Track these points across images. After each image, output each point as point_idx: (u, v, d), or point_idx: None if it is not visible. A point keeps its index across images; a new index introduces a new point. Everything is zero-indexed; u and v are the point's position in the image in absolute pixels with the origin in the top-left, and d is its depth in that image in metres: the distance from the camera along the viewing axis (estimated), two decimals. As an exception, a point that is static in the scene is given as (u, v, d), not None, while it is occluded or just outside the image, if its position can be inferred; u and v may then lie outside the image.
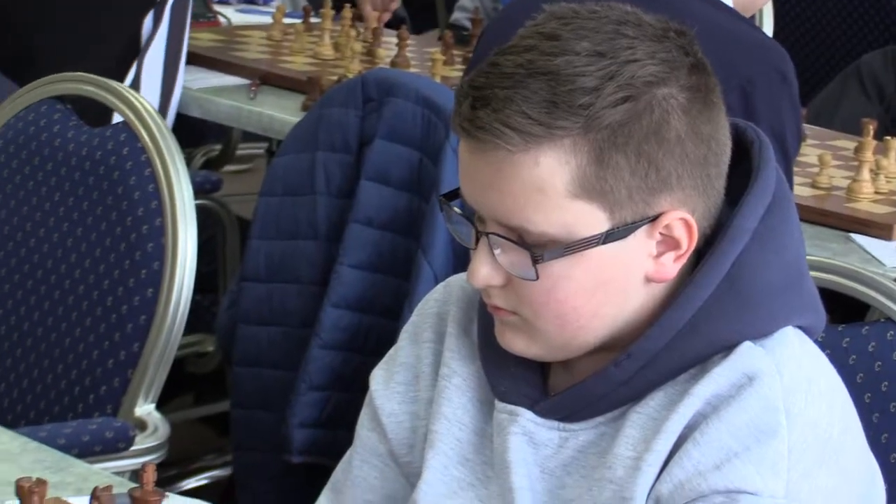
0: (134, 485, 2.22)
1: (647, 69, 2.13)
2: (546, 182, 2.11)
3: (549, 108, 2.09)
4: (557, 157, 2.10)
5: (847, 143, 4.43)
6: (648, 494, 2.16)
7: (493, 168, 2.13)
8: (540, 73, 2.10)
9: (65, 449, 2.66)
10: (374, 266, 3.40)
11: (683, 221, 2.16)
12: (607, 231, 2.13)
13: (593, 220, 2.13)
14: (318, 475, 3.22)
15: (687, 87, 2.16)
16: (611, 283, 2.17)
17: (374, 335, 3.36)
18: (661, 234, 2.15)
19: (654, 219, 2.14)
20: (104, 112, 3.45)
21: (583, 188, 2.11)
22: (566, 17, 2.16)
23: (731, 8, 3.41)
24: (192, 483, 3.76)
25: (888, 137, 4.25)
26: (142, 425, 3.17)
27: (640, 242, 2.16)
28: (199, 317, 3.30)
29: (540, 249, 2.12)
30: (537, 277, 2.13)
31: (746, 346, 2.17)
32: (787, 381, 2.16)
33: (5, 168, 3.50)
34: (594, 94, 2.09)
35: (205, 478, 3.88)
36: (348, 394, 3.34)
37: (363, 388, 2.50)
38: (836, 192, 4.05)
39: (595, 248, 2.13)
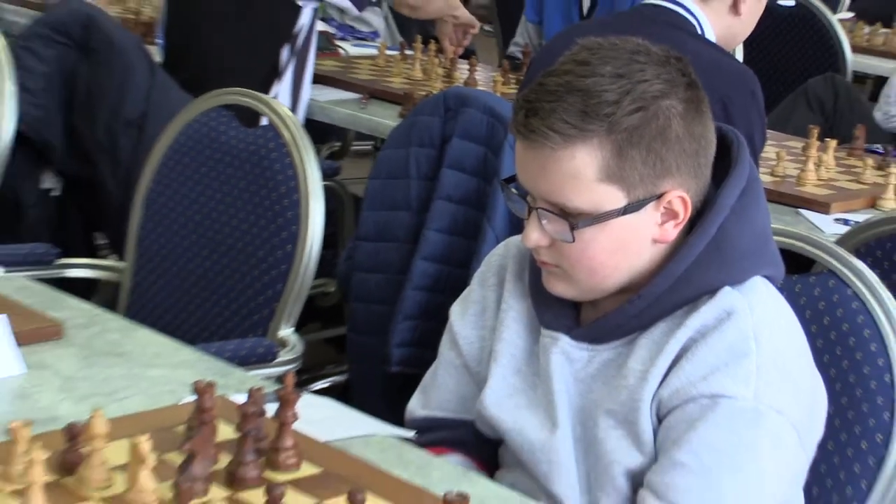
0: (278, 387, 2.22)
1: (654, 86, 2.14)
2: (580, 171, 2.12)
3: (582, 117, 2.10)
4: (588, 152, 2.12)
5: (797, 144, 4.39)
6: (652, 397, 2.17)
7: (540, 161, 2.14)
8: (575, 90, 2.12)
9: (228, 360, 2.65)
10: (452, 231, 3.38)
11: (681, 199, 2.17)
12: (624, 206, 2.15)
13: (614, 198, 2.15)
14: (409, 382, 3.22)
15: (684, 100, 2.17)
16: (627, 244, 2.18)
17: (451, 281, 3.33)
18: (664, 207, 2.17)
19: (659, 196, 2.16)
20: (255, 117, 3.45)
21: (606, 175, 2.12)
22: (594, 48, 2.17)
23: (715, 43, 3.38)
24: (318, 385, 3.75)
25: (827, 139, 4.22)
26: (283, 344, 3.17)
27: (649, 214, 2.17)
28: (324, 266, 3.29)
29: (575, 220, 2.14)
30: (573, 240, 2.15)
31: (726, 290, 2.18)
32: (757, 316, 2.16)
33: (186, 157, 3.50)
34: (615, 106, 2.10)
35: (327, 382, 3.86)
36: (432, 323, 3.31)
37: (443, 318, 2.50)
38: (789, 179, 4.02)
39: (616, 219, 2.15)
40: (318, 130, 4.70)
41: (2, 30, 4.09)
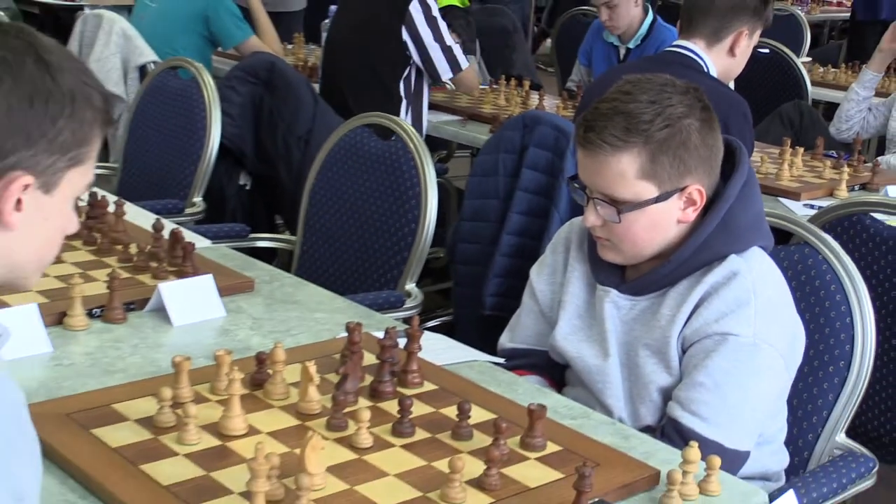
0: (407, 326, 2.18)
1: (678, 109, 2.08)
2: (624, 171, 2.06)
3: (626, 132, 2.05)
4: (630, 158, 2.06)
5: (774, 150, 4.29)
6: (678, 335, 2.12)
7: (596, 164, 2.09)
8: (621, 112, 2.06)
9: (369, 307, 2.63)
10: (528, 213, 3.33)
11: (698, 190, 2.11)
12: (657, 196, 2.09)
13: (649, 191, 2.08)
14: (498, 323, 3.19)
15: (700, 119, 2.11)
16: (658, 224, 2.12)
17: (528, 249, 3.30)
18: (686, 197, 2.11)
19: (682, 189, 2.10)
20: (388, 132, 3.40)
21: (644, 174, 2.07)
22: (634, 82, 2.11)
23: (717, 78, 3.30)
24: (430, 324, 3.70)
25: (796, 147, 4.14)
26: (408, 294, 3.13)
27: (674, 202, 2.11)
28: (436, 239, 3.25)
29: (621, 206, 2.08)
30: (620, 221, 2.09)
31: (732, 257, 2.12)
32: (755, 275, 2.11)
33: (340, 161, 3.46)
34: (650, 124, 2.05)
35: (437, 322, 3.81)
36: (515, 280, 3.28)
37: (523, 277, 2.47)
38: (770, 176, 3.93)
39: (650, 206, 2.09)
40: (432, 142, 4.69)
41: (212, 74, 4.13)
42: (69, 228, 1.46)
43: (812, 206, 3.66)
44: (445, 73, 4.69)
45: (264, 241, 3.69)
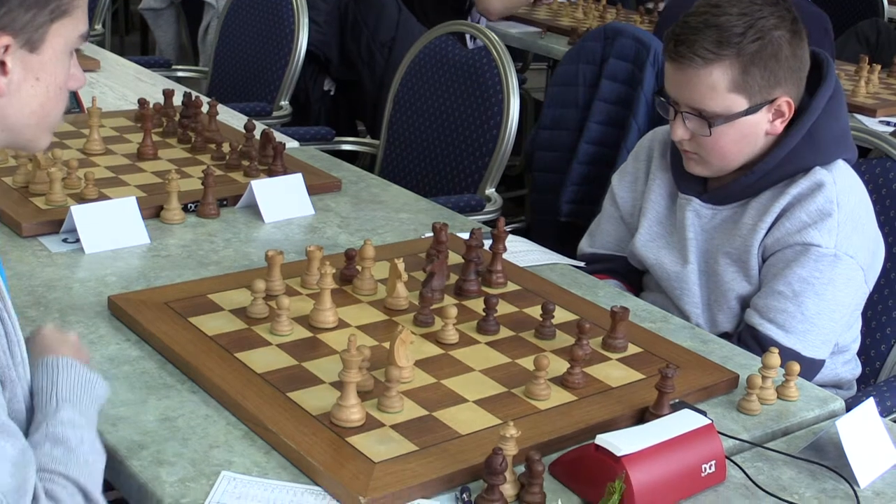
0: (492, 228, 2.16)
1: (769, 21, 2.00)
2: (715, 83, 2.00)
3: (717, 45, 1.98)
4: (722, 71, 2.00)
5: (850, 67, 4.18)
6: (759, 244, 2.07)
7: (686, 77, 2.03)
8: (712, 25, 2.00)
9: (451, 209, 2.60)
10: (606, 123, 3.27)
11: (787, 102, 2.04)
12: (747, 109, 2.03)
13: (740, 103, 2.02)
14: (572, 228, 3.17)
15: (789, 31, 2.03)
16: (747, 136, 2.06)
17: (605, 158, 3.25)
18: (774, 109, 2.05)
19: (771, 101, 2.03)
20: (466, 41, 3.35)
21: (735, 86, 2.01)
22: None
23: None
24: (507, 228, 3.69)
25: (872, 65, 4.02)
26: (488, 199, 3.10)
27: (763, 114, 2.05)
28: (513, 147, 3.21)
29: (711, 119, 2.02)
30: (710, 134, 2.04)
31: (817, 168, 2.06)
32: (839, 187, 2.05)
33: (424, 68, 3.40)
34: (741, 37, 1.98)
35: (511, 228, 3.79)
36: (591, 187, 3.26)
37: (599, 184, 2.45)
38: (846, 92, 3.80)
39: (741, 118, 2.03)
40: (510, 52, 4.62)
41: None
42: (71, 84, 1.36)
43: (888, 123, 3.56)
44: None
45: (349, 145, 3.67)
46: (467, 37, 3.87)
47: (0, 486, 1.16)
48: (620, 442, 1.42)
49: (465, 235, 2.09)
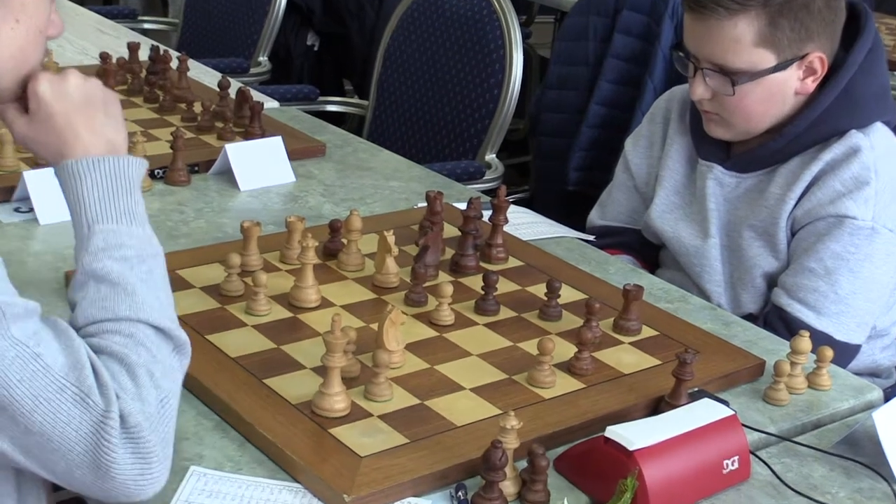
0: (492, 197, 2.14)
1: None
2: (740, 37, 1.98)
3: None
4: (747, 22, 1.97)
5: (893, 21, 4.18)
6: (788, 215, 2.06)
7: (708, 29, 2.00)
8: None
9: (447, 176, 2.59)
10: (619, 82, 3.25)
11: (820, 58, 2.03)
12: (775, 65, 2.01)
13: (767, 59, 2.00)
14: (580, 199, 3.15)
15: None
16: (775, 96, 2.05)
17: (617, 121, 3.23)
18: (805, 66, 2.03)
19: (802, 57, 2.02)
20: None
21: (761, 40, 1.99)
22: None
23: None
24: (509, 198, 3.69)
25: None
26: (489, 165, 3.09)
27: (793, 71, 2.03)
28: (516, 109, 3.20)
29: (735, 77, 2.00)
30: (734, 94, 2.02)
31: (853, 132, 2.05)
32: (877, 152, 2.04)
33: (417, 21, 3.39)
34: None
35: (513, 199, 3.78)
36: (601, 153, 3.24)
37: (610, 150, 2.44)
38: (886, 48, 3.79)
39: (767, 76, 2.01)
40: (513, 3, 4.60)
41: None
42: (51, 31, 1.39)
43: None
44: None
45: (334, 105, 3.67)
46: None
47: (57, 369, 1.17)
48: (633, 434, 1.41)
49: (463, 205, 2.08)
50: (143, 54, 2.97)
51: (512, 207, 2.18)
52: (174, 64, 2.85)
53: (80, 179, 1.34)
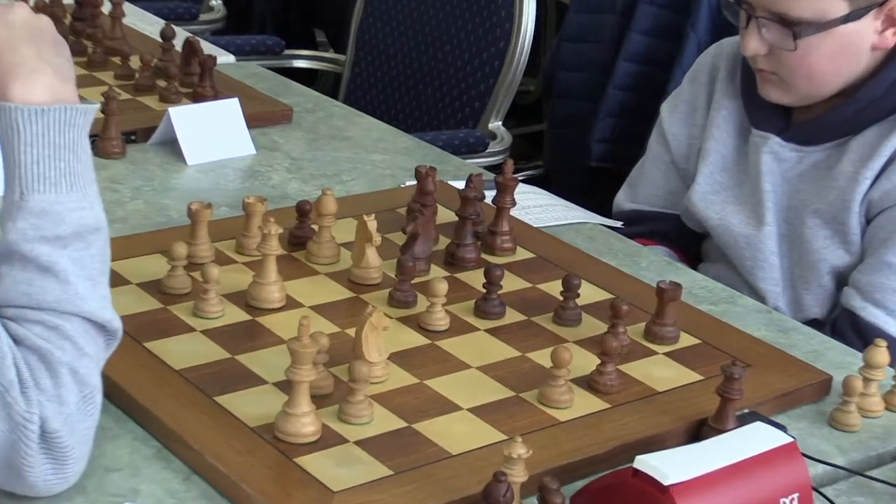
0: (495, 175, 2.15)
1: None
2: None
3: None
4: None
5: None
6: (863, 198, 2.07)
7: None
8: None
9: (443, 148, 2.62)
10: (654, 33, 3.29)
11: (902, 7, 2.04)
12: (847, 13, 2.02)
13: (837, 6, 2.02)
14: (605, 176, 3.17)
15: None
16: (847, 51, 2.06)
17: (652, 81, 3.26)
18: (885, 15, 2.06)
19: (881, 4, 2.04)
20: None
21: None
22: None
23: None
24: (518, 176, 3.71)
25: None
26: (493, 136, 3.12)
27: (869, 22, 2.04)
28: (527, 66, 3.21)
29: (798, 28, 2.02)
30: (795, 48, 2.04)
31: None
32: None
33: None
34: None
35: (524, 176, 3.80)
36: (632, 120, 3.26)
37: (643, 117, 2.46)
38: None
39: (838, 27, 2.02)
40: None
41: None
42: None
43: None
44: None
45: (304, 60, 3.68)
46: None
47: None
48: (668, 466, 1.41)
49: (461, 184, 2.09)
50: (68, -3, 2.98)
51: (521, 186, 2.19)
52: (106, 8, 2.85)
53: (18, 133, 1.36)
